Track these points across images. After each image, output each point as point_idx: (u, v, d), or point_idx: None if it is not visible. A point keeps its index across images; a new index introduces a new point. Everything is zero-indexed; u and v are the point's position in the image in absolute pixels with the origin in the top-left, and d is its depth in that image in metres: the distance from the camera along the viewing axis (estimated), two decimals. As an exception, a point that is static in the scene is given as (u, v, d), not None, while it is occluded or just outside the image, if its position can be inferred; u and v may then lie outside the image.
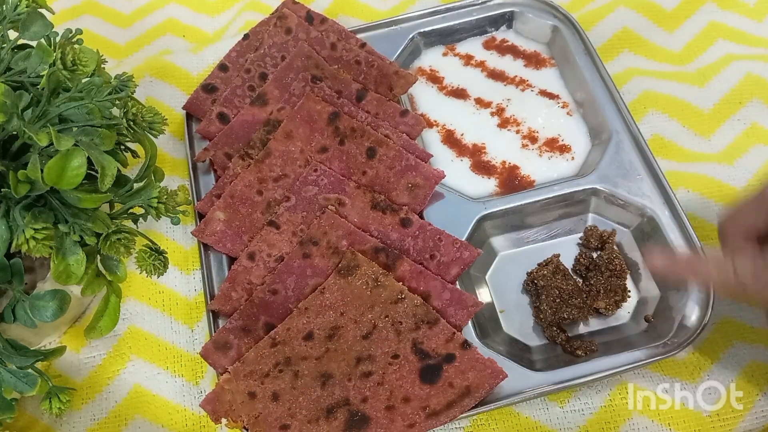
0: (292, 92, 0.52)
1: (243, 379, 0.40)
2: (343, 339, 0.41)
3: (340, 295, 0.41)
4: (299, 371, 0.40)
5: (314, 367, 0.40)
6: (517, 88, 0.57)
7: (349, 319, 0.41)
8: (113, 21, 0.67)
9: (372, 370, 0.40)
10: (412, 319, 0.41)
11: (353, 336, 0.41)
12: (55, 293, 0.38)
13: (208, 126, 0.53)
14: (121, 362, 0.47)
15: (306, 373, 0.40)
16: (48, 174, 0.33)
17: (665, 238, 0.47)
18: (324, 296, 0.42)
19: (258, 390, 0.39)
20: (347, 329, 0.41)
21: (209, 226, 0.48)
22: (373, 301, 0.41)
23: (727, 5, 0.62)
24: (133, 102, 0.39)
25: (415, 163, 0.49)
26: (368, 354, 0.40)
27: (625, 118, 0.52)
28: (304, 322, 0.41)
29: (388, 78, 0.54)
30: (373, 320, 0.41)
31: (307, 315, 0.41)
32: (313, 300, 0.42)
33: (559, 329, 0.46)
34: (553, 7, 0.59)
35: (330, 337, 0.41)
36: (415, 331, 0.40)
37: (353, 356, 0.40)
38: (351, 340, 0.40)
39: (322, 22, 0.57)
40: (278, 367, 0.40)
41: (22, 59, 0.39)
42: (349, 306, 0.41)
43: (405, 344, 0.40)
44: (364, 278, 0.41)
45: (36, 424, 0.45)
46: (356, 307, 0.41)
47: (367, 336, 0.40)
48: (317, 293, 0.42)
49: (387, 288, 0.41)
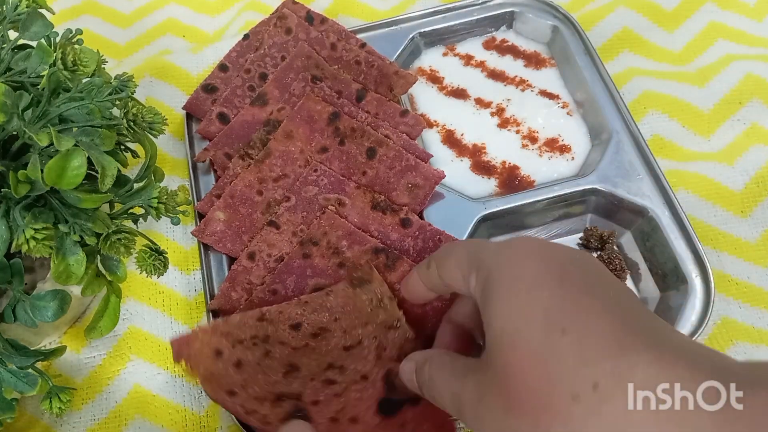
0: (292, 92, 0.52)
1: (218, 336, 0.39)
2: (325, 342, 0.40)
3: (343, 302, 0.41)
4: (271, 352, 0.39)
5: (287, 355, 0.39)
6: (517, 88, 0.57)
7: (340, 326, 0.40)
8: (113, 21, 0.67)
9: (337, 380, 0.39)
10: (396, 350, 0.39)
11: (336, 343, 0.40)
12: (56, 293, 0.38)
13: (208, 126, 0.53)
14: (121, 362, 0.47)
15: (277, 356, 0.39)
16: (48, 174, 0.33)
17: (665, 238, 0.47)
18: (328, 298, 0.41)
19: (226, 352, 0.38)
20: (334, 335, 0.40)
21: (209, 226, 0.48)
22: (369, 319, 0.40)
23: (727, 5, 0.62)
24: (133, 102, 0.39)
25: (415, 163, 0.49)
26: (341, 364, 0.39)
27: (625, 118, 0.52)
28: (298, 313, 0.41)
29: (388, 78, 0.54)
30: (361, 336, 0.40)
31: (304, 308, 0.41)
32: (316, 298, 0.42)
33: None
34: (553, 7, 0.59)
35: (315, 335, 0.40)
36: (395, 361, 0.39)
37: (327, 360, 0.39)
38: (332, 346, 0.40)
39: (322, 22, 0.57)
40: (254, 340, 0.39)
41: (23, 59, 0.39)
42: (346, 315, 0.41)
43: (379, 370, 0.39)
44: (370, 295, 0.41)
45: (36, 424, 0.45)
46: (352, 319, 0.40)
47: (349, 349, 0.40)
48: (323, 293, 0.42)
49: (387, 312, 0.40)
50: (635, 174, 0.50)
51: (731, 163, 0.52)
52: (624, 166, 0.50)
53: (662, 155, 0.53)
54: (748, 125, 0.54)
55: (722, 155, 0.53)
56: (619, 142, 0.51)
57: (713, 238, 0.49)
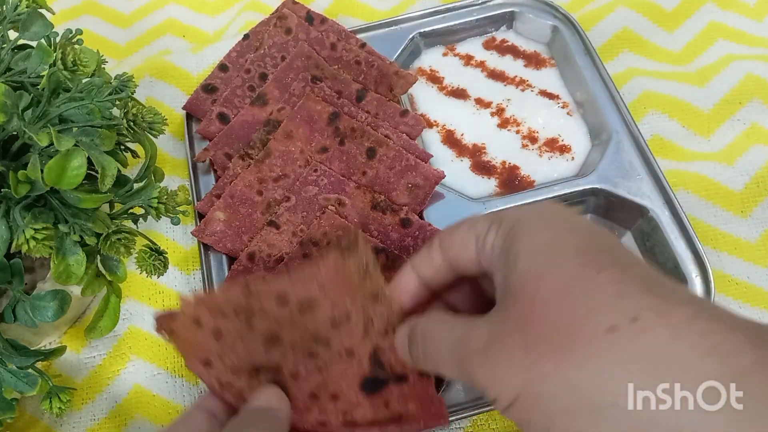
0: (292, 92, 0.52)
1: (200, 307, 0.36)
2: (311, 316, 0.37)
3: (333, 272, 0.37)
4: (254, 324, 0.36)
5: (269, 327, 0.37)
6: (517, 88, 0.57)
7: (329, 298, 0.37)
8: (113, 21, 0.67)
9: (320, 354, 0.36)
10: (383, 323, 0.36)
11: (323, 317, 0.37)
12: (56, 293, 0.38)
13: (208, 126, 0.53)
14: (121, 362, 0.47)
15: (259, 329, 0.37)
16: (48, 174, 0.33)
17: (665, 238, 0.47)
18: (319, 271, 0.37)
19: (206, 321, 0.36)
20: (321, 309, 0.37)
21: (209, 226, 0.48)
22: (357, 291, 0.37)
23: (727, 5, 0.62)
24: (133, 102, 0.39)
25: (415, 163, 0.49)
26: (326, 339, 0.36)
27: (625, 118, 0.52)
28: (285, 284, 0.37)
29: (388, 78, 0.54)
30: (350, 310, 0.37)
31: (292, 281, 0.37)
32: (306, 271, 0.38)
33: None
34: (553, 7, 0.59)
35: (302, 309, 0.37)
36: (382, 336, 0.36)
37: (311, 334, 0.37)
38: (319, 320, 0.37)
39: (322, 23, 0.57)
40: (237, 313, 0.37)
41: (23, 59, 0.39)
42: (335, 286, 0.37)
43: (366, 346, 0.37)
44: (357, 261, 0.37)
45: (36, 424, 0.45)
46: (341, 290, 0.37)
47: (336, 324, 0.37)
48: (314, 265, 0.37)
49: (373, 280, 0.37)
50: (635, 174, 0.50)
51: (731, 163, 0.52)
52: (624, 166, 0.50)
53: (662, 155, 0.53)
54: (748, 125, 0.54)
55: (722, 155, 0.53)
56: (619, 142, 0.51)
57: (713, 238, 0.49)
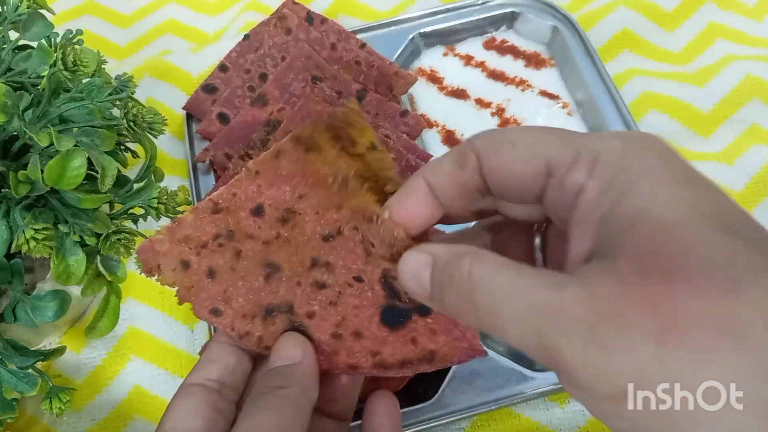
0: (292, 93, 0.52)
1: (177, 244, 0.33)
2: (299, 229, 0.32)
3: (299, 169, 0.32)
4: (242, 251, 0.33)
5: (260, 251, 0.33)
6: (517, 88, 0.57)
7: (310, 206, 0.32)
8: (113, 21, 0.67)
9: (327, 282, 0.32)
10: (388, 249, 0.31)
11: (312, 230, 0.32)
12: (56, 293, 0.38)
13: (208, 126, 0.53)
14: (121, 362, 0.47)
15: (250, 254, 0.33)
16: (48, 174, 0.33)
17: (665, 238, 0.47)
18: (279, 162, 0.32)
19: (193, 260, 0.33)
20: (305, 219, 0.32)
21: (209, 226, 0.48)
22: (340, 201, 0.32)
23: (726, 5, 0.62)
24: (133, 102, 0.39)
25: (415, 163, 0.49)
26: (326, 261, 0.32)
27: (625, 119, 0.52)
28: (253, 190, 0.32)
29: (388, 78, 0.54)
30: (338, 223, 0.32)
31: (258, 181, 0.32)
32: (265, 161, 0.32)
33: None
34: (553, 8, 0.59)
35: (284, 221, 0.33)
36: (389, 261, 0.31)
37: (308, 255, 0.32)
38: (309, 234, 0.32)
39: (322, 23, 0.57)
40: (218, 240, 0.33)
41: (23, 60, 0.39)
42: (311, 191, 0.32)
43: (374, 270, 0.32)
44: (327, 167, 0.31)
45: (36, 424, 0.45)
46: (319, 197, 0.32)
47: (329, 238, 0.32)
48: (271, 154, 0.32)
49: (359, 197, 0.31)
50: (635, 174, 0.50)
51: (731, 163, 0.52)
52: (624, 167, 0.50)
53: (662, 155, 0.53)
54: (748, 125, 0.54)
55: (722, 155, 0.53)
56: (619, 143, 0.51)
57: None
